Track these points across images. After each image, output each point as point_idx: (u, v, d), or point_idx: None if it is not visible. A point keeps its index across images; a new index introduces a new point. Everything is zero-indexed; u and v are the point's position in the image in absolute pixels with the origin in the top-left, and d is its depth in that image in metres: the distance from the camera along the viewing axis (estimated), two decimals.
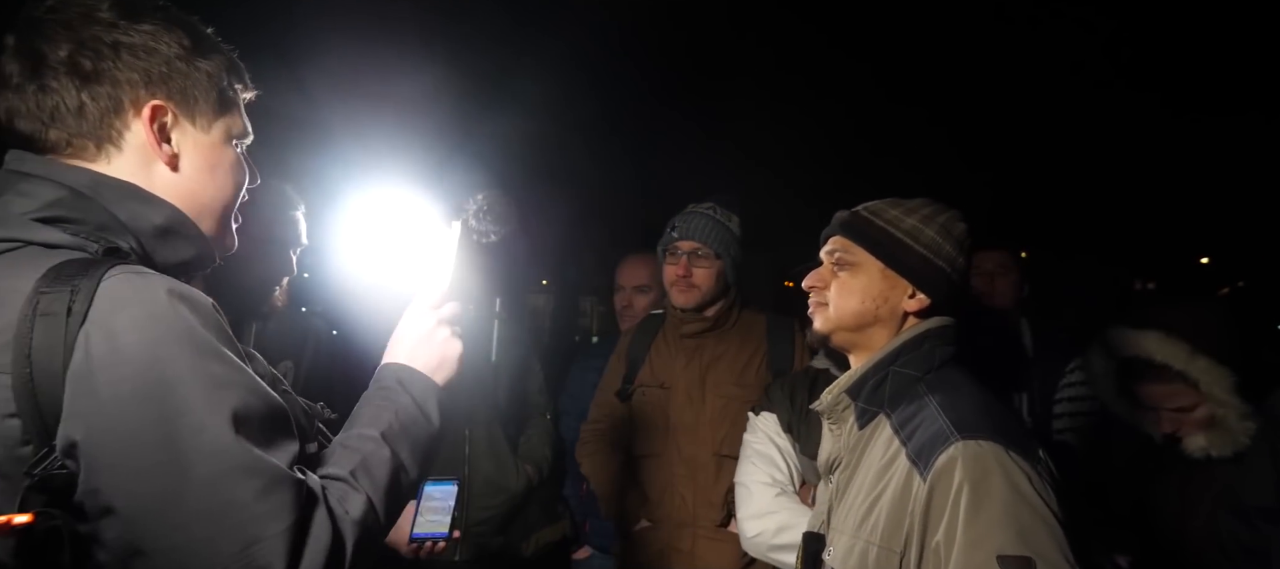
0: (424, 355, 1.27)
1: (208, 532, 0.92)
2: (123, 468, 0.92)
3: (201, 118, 1.15)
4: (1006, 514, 1.24)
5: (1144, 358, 2.01)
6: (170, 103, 1.11)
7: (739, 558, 2.47)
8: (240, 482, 0.93)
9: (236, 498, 0.93)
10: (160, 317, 0.96)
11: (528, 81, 4.39)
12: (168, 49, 1.10)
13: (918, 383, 1.45)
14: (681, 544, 2.50)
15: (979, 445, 1.29)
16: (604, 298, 4.81)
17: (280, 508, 0.94)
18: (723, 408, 2.52)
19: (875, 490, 1.40)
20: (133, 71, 1.08)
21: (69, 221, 1.04)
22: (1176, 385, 1.98)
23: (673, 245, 2.62)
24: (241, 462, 0.94)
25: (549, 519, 2.89)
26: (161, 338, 0.95)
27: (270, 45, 3.57)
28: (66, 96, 1.05)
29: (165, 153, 1.11)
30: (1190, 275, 9.99)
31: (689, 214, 2.64)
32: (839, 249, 1.54)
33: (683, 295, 2.59)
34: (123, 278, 0.97)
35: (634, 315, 3.14)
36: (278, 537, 0.93)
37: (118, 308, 0.95)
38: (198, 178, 1.14)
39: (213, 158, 1.16)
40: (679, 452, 2.53)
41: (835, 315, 1.53)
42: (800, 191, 4.90)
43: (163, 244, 1.11)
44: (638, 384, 2.68)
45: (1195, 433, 2.02)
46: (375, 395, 1.21)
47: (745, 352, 2.61)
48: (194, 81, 1.13)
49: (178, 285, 1.00)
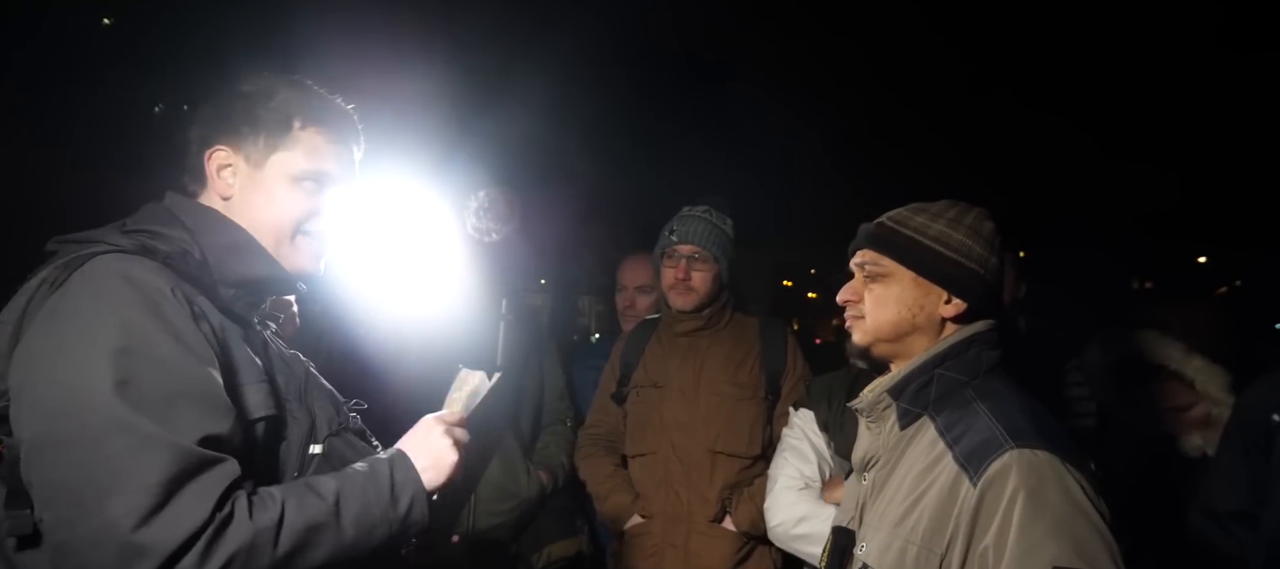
0: (422, 451, 1.38)
1: (77, 475, 1.06)
2: (28, 406, 1.11)
3: (254, 156, 1.37)
4: (1063, 525, 1.23)
5: (1141, 357, 2.02)
6: (227, 146, 1.36)
7: (733, 553, 2.49)
8: (113, 438, 1.06)
9: (106, 451, 1.06)
10: (107, 291, 1.14)
11: (528, 80, 4.40)
12: (234, 102, 1.37)
13: (965, 388, 1.44)
14: (676, 540, 2.52)
15: (1035, 454, 1.27)
16: (603, 297, 4.81)
17: (146, 467, 1.06)
18: (717, 405, 2.54)
19: (917, 490, 1.39)
20: (206, 125, 1.37)
21: (149, 233, 1.27)
22: (1172, 384, 1.99)
23: (671, 249, 2.64)
24: (118, 421, 1.07)
25: (564, 532, 2.76)
26: (96, 308, 1.13)
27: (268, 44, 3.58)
28: (185, 146, 1.37)
29: (221, 186, 1.37)
30: (1188, 275, 10.00)
31: (686, 218, 2.66)
32: (868, 261, 1.52)
33: (681, 298, 2.61)
34: (103, 261, 1.17)
35: (636, 315, 3.15)
36: (136, 491, 1.04)
37: (85, 281, 1.15)
38: (255, 206, 1.37)
39: (267, 190, 1.38)
40: (674, 449, 2.55)
41: (872, 327, 1.51)
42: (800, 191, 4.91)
43: (231, 258, 1.32)
44: (633, 385, 2.70)
45: (1191, 432, 2.03)
46: (369, 461, 1.33)
47: (739, 351, 2.63)
48: (250, 127, 1.37)
49: (149, 273, 1.19)
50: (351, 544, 1.21)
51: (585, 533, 2.85)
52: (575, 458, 2.79)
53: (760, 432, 2.53)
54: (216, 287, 1.31)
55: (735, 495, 2.48)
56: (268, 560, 1.12)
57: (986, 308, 1.49)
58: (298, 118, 1.40)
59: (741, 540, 2.48)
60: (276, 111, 1.39)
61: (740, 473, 2.49)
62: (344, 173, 1.46)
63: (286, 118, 1.39)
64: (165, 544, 1.04)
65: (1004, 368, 1.48)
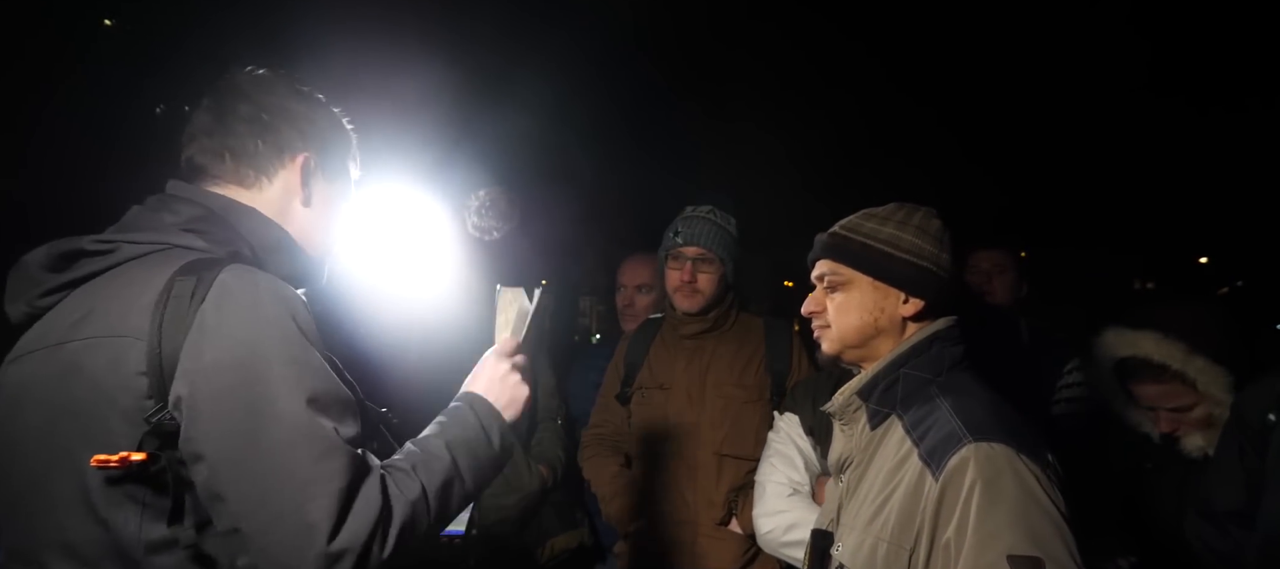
0: (496, 392, 1.46)
1: (271, 485, 1.10)
2: (211, 421, 1.12)
3: (332, 170, 1.46)
4: (1017, 515, 1.27)
5: (1142, 357, 2.01)
6: (316, 156, 1.42)
7: (740, 556, 2.48)
8: (302, 446, 1.12)
9: (298, 459, 1.11)
10: (259, 304, 1.18)
11: (530, 79, 4.40)
12: (322, 119, 1.44)
13: (929, 385, 1.49)
14: (683, 543, 2.51)
15: (991, 447, 1.32)
16: (604, 297, 4.81)
17: (334, 472, 1.12)
18: (723, 408, 2.53)
19: (886, 489, 1.43)
20: (293, 130, 1.40)
21: (204, 233, 1.29)
22: (1174, 385, 1.99)
23: (677, 250, 2.62)
24: (306, 431, 1.13)
25: (566, 526, 2.83)
26: (257, 321, 1.17)
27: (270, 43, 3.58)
28: (245, 141, 1.37)
29: (303, 192, 1.42)
30: (1189, 275, 9.99)
31: (691, 219, 2.64)
32: (828, 272, 1.58)
33: (687, 300, 2.60)
34: (235, 273, 1.20)
35: (636, 315, 3.14)
36: (329, 496, 1.10)
37: (227, 294, 1.17)
38: (320, 212, 1.45)
39: (333, 200, 1.47)
40: (680, 451, 2.54)
41: (838, 335, 1.57)
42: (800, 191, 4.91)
43: (273, 257, 1.37)
44: (637, 386, 2.69)
45: (1193, 432, 2.03)
46: (447, 414, 1.40)
47: (744, 352, 2.62)
48: (333, 145, 1.46)
49: (277, 283, 1.23)
50: (471, 492, 1.33)
51: (585, 525, 2.91)
52: (579, 457, 2.80)
53: (766, 434, 2.53)
54: None
55: (741, 498, 2.47)
56: (425, 526, 1.22)
57: (944, 303, 1.55)
58: (353, 147, 1.51)
59: (748, 543, 2.48)
60: (342, 126, 1.49)
61: (746, 475, 2.47)
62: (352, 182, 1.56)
63: (348, 133, 1.50)
64: (358, 541, 1.11)
65: (968, 363, 1.54)
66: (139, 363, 1.15)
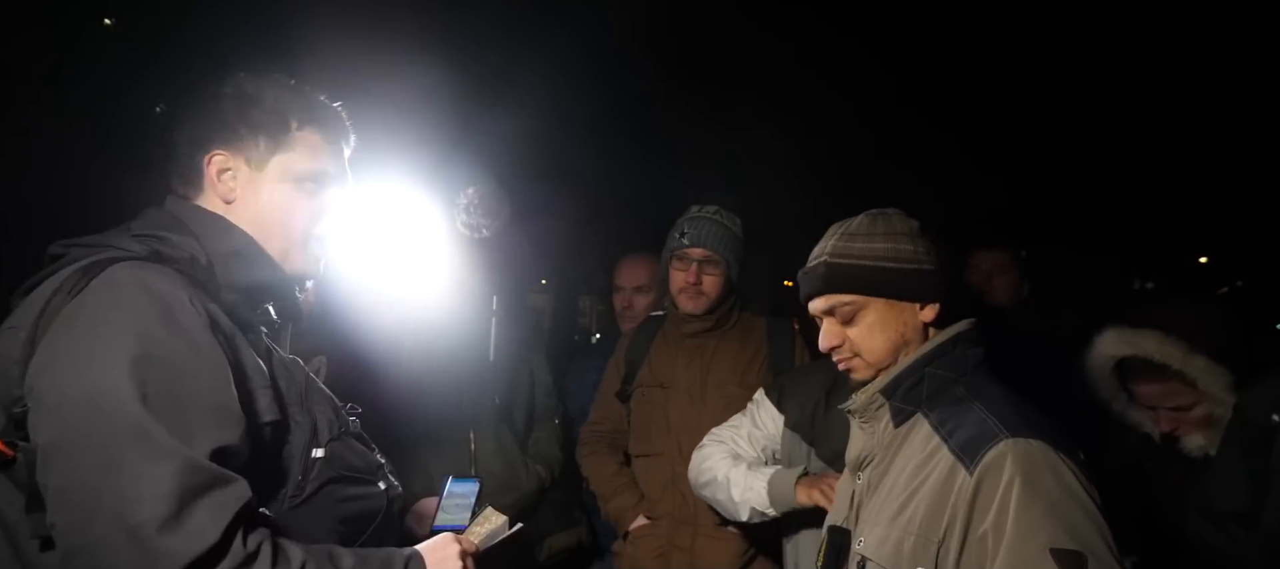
0: (435, 564, 1.35)
1: (93, 480, 1.07)
2: (46, 408, 1.11)
3: (255, 159, 1.38)
4: (1057, 509, 1.30)
5: (1142, 357, 2.01)
6: (225, 149, 1.36)
7: (739, 556, 2.48)
8: (130, 444, 1.07)
9: (122, 457, 1.07)
10: (126, 299, 1.16)
11: (529, 78, 4.39)
12: (226, 104, 1.36)
13: (955, 384, 1.51)
14: (682, 542, 2.51)
15: (1029, 443, 1.35)
16: (604, 297, 4.81)
17: (161, 477, 1.06)
18: (725, 408, 2.52)
19: (913, 483, 1.45)
20: (197, 128, 1.36)
21: (158, 238, 1.28)
22: (1174, 384, 1.99)
23: (683, 252, 2.60)
24: (136, 428, 1.08)
25: (564, 524, 2.83)
26: (115, 316, 1.14)
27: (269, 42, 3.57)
28: (170, 141, 1.37)
29: (222, 190, 1.36)
30: (1189, 275, 9.98)
31: (697, 219, 2.63)
32: (836, 304, 1.58)
33: (692, 302, 2.59)
34: (124, 268, 1.18)
35: (634, 316, 3.14)
36: (150, 500, 1.05)
37: (99, 289, 1.16)
38: (259, 209, 1.38)
39: (268, 194, 1.39)
40: (680, 451, 2.54)
41: (872, 362, 1.58)
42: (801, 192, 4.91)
43: (235, 264, 1.33)
44: (637, 384, 2.69)
45: (1193, 432, 2.02)
46: (379, 553, 1.31)
47: (747, 352, 2.62)
48: (256, 136, 1.37)
49: (167, 283, 1.19)
50: None
51: (583, 524, 2.91)
52: (578, 455, 2.80)
53: None
54: (221, 292, 1.33)
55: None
56: None
57: (954, 297, 1.58)
58: (294, 118, 1.41)
59: (748, 543, 2.48)
60: (273, 113, 1.39)
61: None
62: (339, 171, 1.48)
63: (283, 119, 1.40)
64: (178, 556, 1.05)
65: (990, 365, 1.56)
66: (15, 353, 1.17)
